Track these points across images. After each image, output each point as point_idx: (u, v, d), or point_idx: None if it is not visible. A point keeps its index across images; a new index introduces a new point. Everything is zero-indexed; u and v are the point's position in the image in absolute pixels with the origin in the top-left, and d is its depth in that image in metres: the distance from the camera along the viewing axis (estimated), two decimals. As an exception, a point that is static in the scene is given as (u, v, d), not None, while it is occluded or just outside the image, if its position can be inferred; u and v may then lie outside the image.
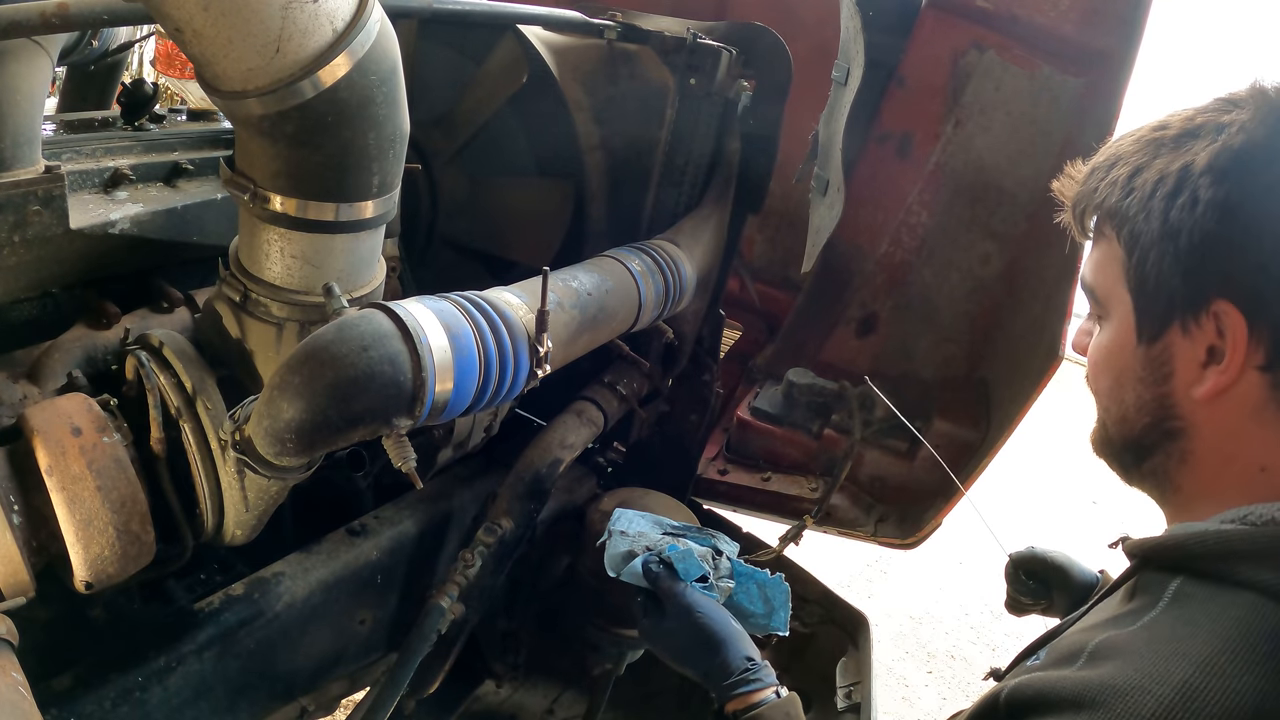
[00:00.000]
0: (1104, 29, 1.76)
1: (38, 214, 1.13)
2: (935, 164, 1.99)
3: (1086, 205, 0.81)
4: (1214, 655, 0.61)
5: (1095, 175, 0.80)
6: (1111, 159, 0.79)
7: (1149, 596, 0.72)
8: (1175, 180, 0.72)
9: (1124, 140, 0.79)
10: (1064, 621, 0.87)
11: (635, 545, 1.31)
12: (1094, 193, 0.80)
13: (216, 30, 0.81)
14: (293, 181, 0.97)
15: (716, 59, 1.58)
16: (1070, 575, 1.31)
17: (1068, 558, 1.34)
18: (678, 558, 1.24)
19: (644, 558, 1.26)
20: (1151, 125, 0.77)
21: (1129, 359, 0.79)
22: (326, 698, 1.43)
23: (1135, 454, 0.82)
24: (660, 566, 1.24)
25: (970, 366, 2.05)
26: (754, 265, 2.58)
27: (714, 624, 1.17)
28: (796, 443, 2.08)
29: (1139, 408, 0.79)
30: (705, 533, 1.40)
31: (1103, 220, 0.79)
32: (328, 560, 1.31)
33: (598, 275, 1.33)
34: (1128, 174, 0.76)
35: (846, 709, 1.78)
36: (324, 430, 0.90)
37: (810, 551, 2.03)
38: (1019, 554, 1.38)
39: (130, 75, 3.57)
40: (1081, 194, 0.82)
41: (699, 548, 1.31)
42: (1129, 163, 0.76)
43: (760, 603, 1.27)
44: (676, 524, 1.38)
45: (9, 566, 0.88)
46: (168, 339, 1.08)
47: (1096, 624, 0.76)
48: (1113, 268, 0.79)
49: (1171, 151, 0.73)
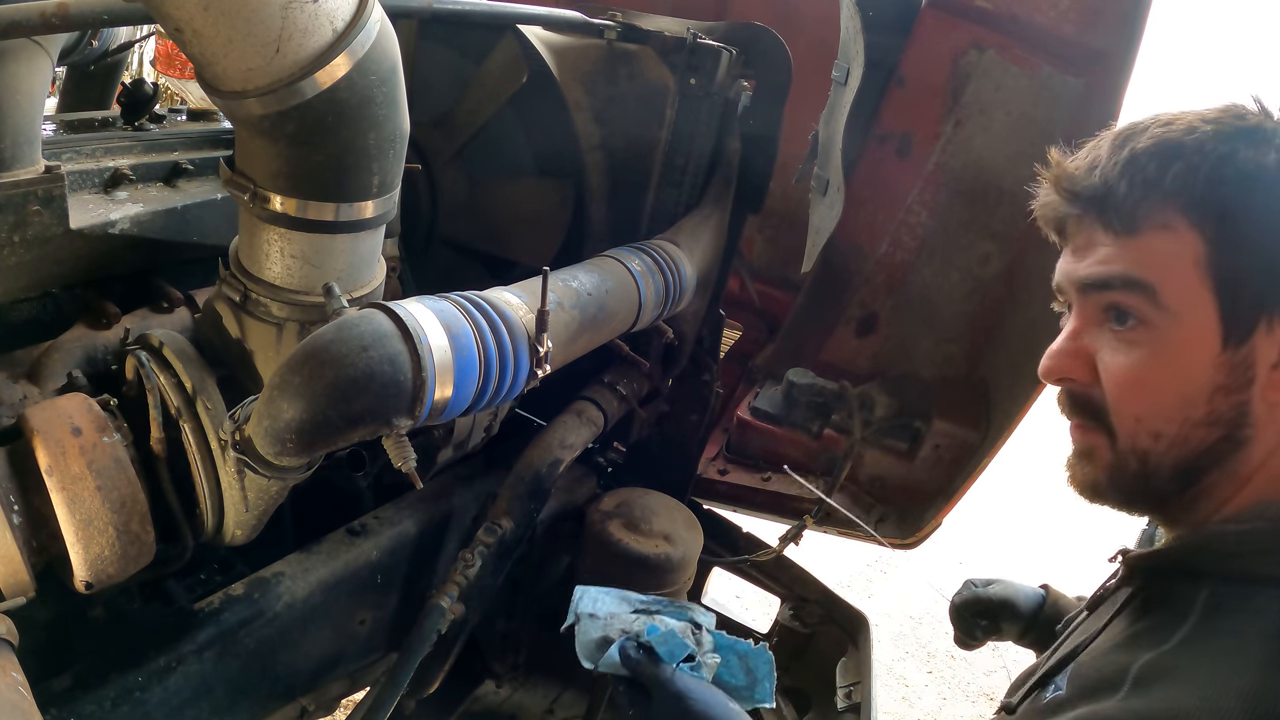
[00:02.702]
0: (1104, 29, 1.77)
1: (38, 214, 1.13)
2: (935, 164, 1.99)
3: (1126, 194, 0.72)
4: (1271, 657, 0.60)
5: (1142, 163, 0.72)
6: (1164, 147, 0.71)
7: (1172, 610, 0.69)
8: (1272, 174, 0.68)
9: (1172, 129, 0.72)
10: (1069, 648, 0.82)
11: (608, 629, 1.19)
12: (1151, 181, 0.71)
13: (216, 30, 0.81)
14: (293, 181, 0.97)
15: (716, 59, 1.58)
16: (1016, 605, 1.28)
17: (1007, 587, 1.31)
18: (659, 640, 1.13)
19: (620, 643, 1.13)
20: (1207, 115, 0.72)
21: (1206, 368, 0.70)
22: (326, 698, 1.43)
23: (1183, 480, 0.73)
24: (640, 652, 1.12)
25: (970, 366, 2.05)
26: (754, 265, 2.58)
27: (711, 710, 1.05)
28: (796, 443, 2.08)
29: (1212, 421, 0.71)
30: (679, 605, 1.29)
31: (1169, 210, 0.71)
32: (328, 560, 1.31)
33: (598, 275, 1.33)
34: (1215, 163, 0.69)
35: (846, 709, 1.78)
36: (324, 430, 0.90)
37: (810, 551, 2.03)
38: (959, 599, 1.34)
39: (130, 75, 3.57)
40: (1112, 182, 0.73)
41: (676, 623, 1.21)
42: (1207, 151, 0.70)
43: (742, 674, 1.17)
44: (646, 598, 1.27)
45: (9, 566, 0.88)
46: (168, 339, 1.08)
47: (1117, 645, 0.73)
48: (1182, 262, 0.70)
49: (1248, 146, 0.69)
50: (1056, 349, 0.78)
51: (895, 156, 2.04)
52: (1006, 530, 4.66)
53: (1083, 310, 0.77)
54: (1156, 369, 0.72)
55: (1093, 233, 0.76)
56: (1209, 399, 0.70)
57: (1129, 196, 0.72)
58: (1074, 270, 0.77)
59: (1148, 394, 0.72)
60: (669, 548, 1.56)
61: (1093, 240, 0.76)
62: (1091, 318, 0.76)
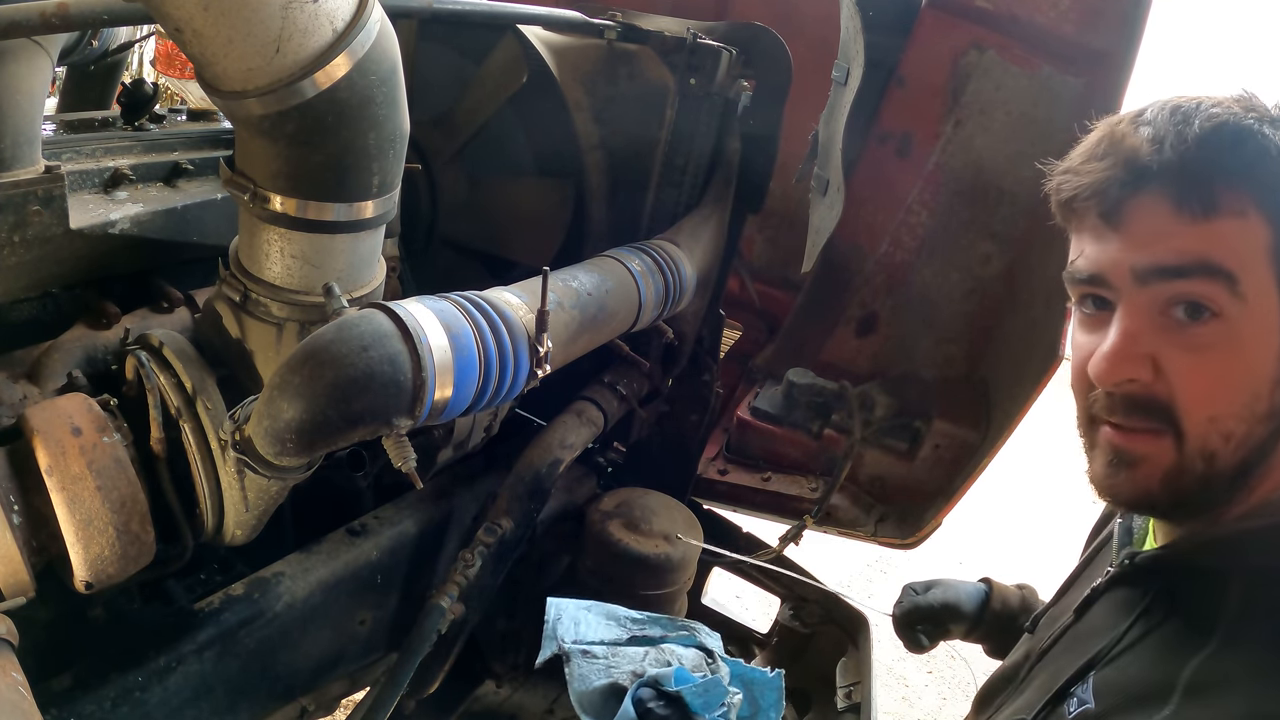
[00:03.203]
0: (1104, 29, 1.76)
1: (38, 214, 1.13)
2: (935, 164, 1.99)
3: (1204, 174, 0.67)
4: None
5: (1214, 142, 0.67)
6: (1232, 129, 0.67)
7: (1202, 610, 0.67)
8: None
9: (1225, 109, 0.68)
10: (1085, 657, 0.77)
11: (613, 672, 1.00)
12: (1227, 162, 0.67)
13: (216, 30, 0.81)
14: (293, 181, 0.97)
15: (716, 59, 1.57)
16: (958, 606, 1.27)
17: (947, 589, 1.30)
18: (694, 692, 0.94)
19: (635, 694, 0.94)
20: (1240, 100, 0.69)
21: (1273, 361, 0.67)
22: (326, 698, 1.43)
23: (1239, 480, 0.69)
24: (664, 705, 0.93)
25: (970, 366, 2.05)
26: (754, 265, 2.58)
27: None
28: (796, 443, 2.08)
29: (1271, 415, 0.67)
30: (680, 625, 1.12)
31: (1244, 196, 0.66)
32: (328, 560, 1.31)
33: (598, 275, 1.33)
34: (1276, 144, 0.66)
35: (846, 709, 1.78)
36: (324, 430, 0.90)
37: (810, 551, 2.03)
38: (899, 610, 1.32)
39: (130, 75, 3.57)
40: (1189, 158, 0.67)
41: (686, 651, 1.05)
42: (1267, 136, 0.66)
43: (745, 705, 1.03)
44: (637, 615, 1.10)
45: (9, 566, 0.88)
46: (168, 339, 1.08)
47: (1150, 651, 0.70)
48: (1255, 251, 0.66)
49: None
50: (1115, 350, 0.69)
51: (895, 156, 2.04)
52: (1006, 530, 4.66)
53: (1139, 303, 0.70)
54: (1232, 365, 0.67)
55: (1158, 216, 0.68)
56: (1271, 392, 0.67)
57: (1212, 177, 0.67)
58: (1133, 258, 0.69)
59: (1224, 392, 0.67)
60: (669, 548, 1.56)
61: (1159, 225, 0.68)
62: (1153, 311, 0.69)
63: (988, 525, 4.37)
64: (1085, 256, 0.74)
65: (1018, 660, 0.95)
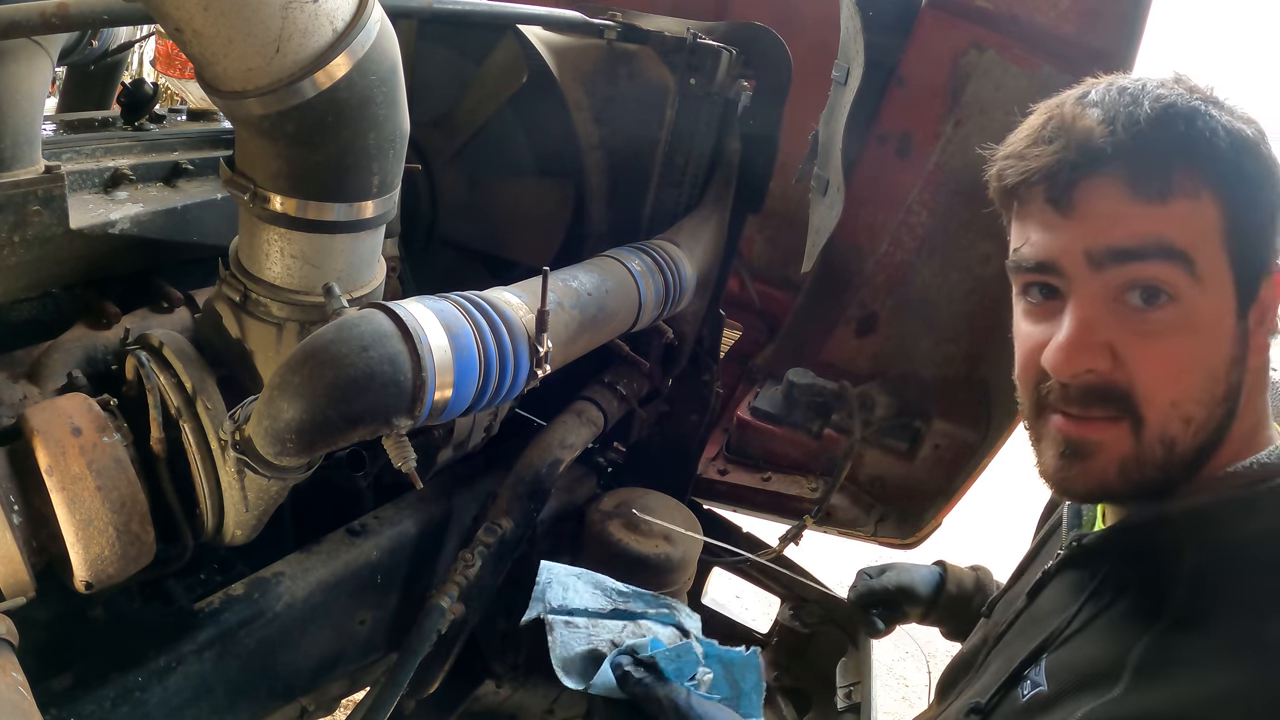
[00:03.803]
0: (1104, 29, 1.76)
1: (38, 214, 1.13)
2: (935, 164, 1.99)
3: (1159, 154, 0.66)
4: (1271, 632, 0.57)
5: (1167, 121, 0.66)
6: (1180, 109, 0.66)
7: (1154, 587, 0.67)
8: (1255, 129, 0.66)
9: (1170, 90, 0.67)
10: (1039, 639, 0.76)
11: (594, 639, 1.03)
12: (1179, 142, 0.65)
13: (216, 30, 0.81)
14: (293, 181, 0.97)
15: (716, 59, 1.57)
16: (913, 589, 1.26)
17: (902, 572, 1.29)
18: (666, 657, 0.96)
19: (613, 658, 0.98)
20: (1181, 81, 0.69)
21: (1227, 341, 0.66)
22: (326, 698, 1.43)
23: (1196, 464, 0.68)
24: (642, 670, 0.95)
25: (970, 366, 2.05)
26: (754, 265, 2.58)
27: None
28: (796, 443, 2.08)
29: (1226, 396, 0.66)
30: (662, 602, 1.13)
31: (1197, 176, 0.65)
32: (328, 560, 1.31)
33: (598, 275, 1.33)
34: (1224, 129, 0.65)
35: (846, 709, 1.78)
36: (324, 430, 0.90)
37: (810, 551, 2.03)
38: (854, 594, 1.31)
39: (130, 75, 3.57)
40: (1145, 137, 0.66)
41: (662, 629, 1.07)
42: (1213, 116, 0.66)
43: (726, 686, 1.03)
44: (623, 589, 1.12)
45: (9, 566, 0.88)
46: (168, 339, 1.08)
47: (1101, 631, 0.70)
48: (1208, 231, 0.65)
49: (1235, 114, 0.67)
50: (1071, 340, 0.68)
51: (895, 156, 2.04)
52: (1006, 530, 4.66)
53: (1092, 290, 0.68)
54: (1190, 349, 0.66)
55: (1112, 199, 0.67)
56: (1227, 373, 0.66)
57: (1161, 158, 0.65)
58: (1086, 242, 0.67)
59: (1184, 376, 0.66)
60: (669, 548, 1.56)
61: (1113, 207, 0.67)
62: (1107, 297, 0.67)
63: (987, 525, 4.36)
64: (1031, 243, 0.72)
65: (975, 645, 0.94)
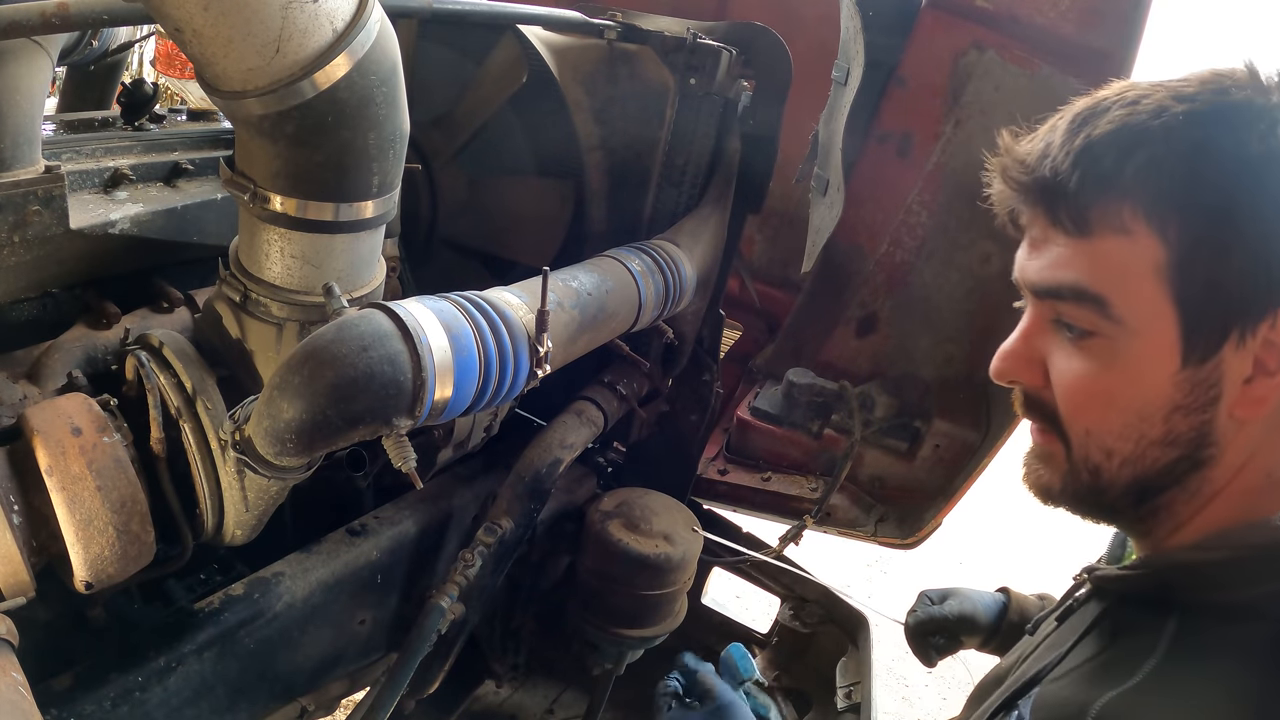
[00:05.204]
0: (1104, 29, 1.77)
1: (38, 214, 1.13)
2: (935, 164, 1.99)
3: (1078, 191, 0.63)
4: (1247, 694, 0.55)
5: (1098, 153, 0.63)
6: (1126, 133, 0.62)
7: (1139, 641, 0.64)
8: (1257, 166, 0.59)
9: (1137, 110, 0.63)
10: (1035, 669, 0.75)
11: None
12: (1106, 176, 0.62)
13: (216, 30, 0.81)
14: (292, 181, 0.97)
15: (716, 59, 1.57)
16: (974, 619, 1.21)
17: (964, 600, 1.24)
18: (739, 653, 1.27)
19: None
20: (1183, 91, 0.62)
21: (1163, 386, 0.63)
22: (326, 698, 1.43)
23: (1139, 495, 0.67)
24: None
25: (970, 366, 2.05)
26: (754, 265, 2.58)
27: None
28: (796, 443, 2.08)
29: (1169, 442, 0.65)
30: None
31: (1127, 211, 0.62)
32: (328, 560, 1.31)
33: (598, 275, 1.33)
34: (1183, 155, 0.60)
35: (846, 709, 1.78)
36: (324, 430, 0.90)
37: (810, 551, 2.03)
38: (914, 621, 1.27)
39: (130, 75, 3.57)
40: (1063, 175, 0.64)
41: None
42: (1176, 140, 0.60)
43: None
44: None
45: (9, 566, 0.88)
46: (168, 339, 1.08)
47: (1082, 676, 0.68)
48: (1139, 270, 0.62)
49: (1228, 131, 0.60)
50: (1008, 349, 0.72)
51: (895, 156, 2.04)
52: (1007, 530, 4.66)
53: (1036, 310, 0.71)
54: (1108, 384, 0.65)
55: (1041, 227, 0.68)
56: (1166, 418, 0.64)
57: (1081, 194, 0.64)
58: (1026, 270, 0.71)
59: (1099, 409, 0.66)
60: (669, 548, 1.56)
61: (1047, 237, 0.68)
62: (1044, 319, 0.70)
63: (987, 525, 4.37)
64: (1015, 260, 0.75)
65: (1012, 662, 0.94)
